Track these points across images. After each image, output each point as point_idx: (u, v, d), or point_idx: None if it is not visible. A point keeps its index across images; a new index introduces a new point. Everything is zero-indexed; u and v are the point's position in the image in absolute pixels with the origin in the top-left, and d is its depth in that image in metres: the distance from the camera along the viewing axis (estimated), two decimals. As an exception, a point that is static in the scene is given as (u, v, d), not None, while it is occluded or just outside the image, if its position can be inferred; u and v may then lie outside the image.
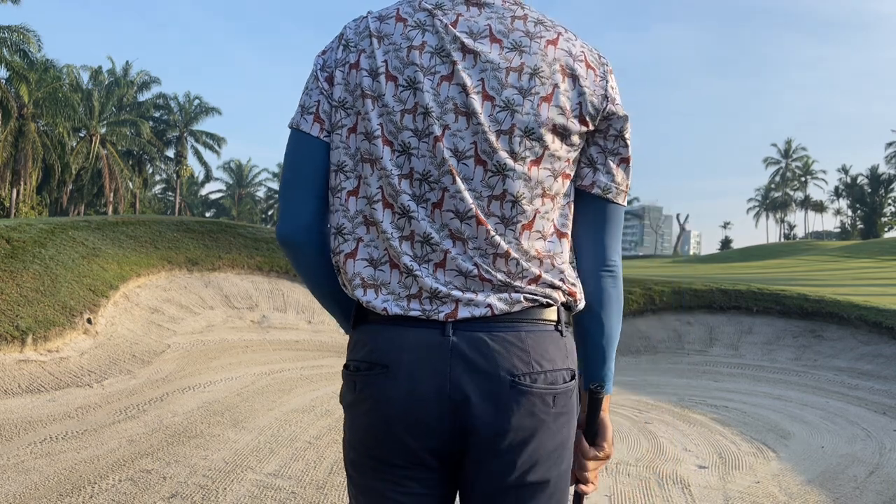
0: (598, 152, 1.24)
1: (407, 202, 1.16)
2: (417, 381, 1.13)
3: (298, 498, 3.49)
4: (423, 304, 1.15)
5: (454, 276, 1.15)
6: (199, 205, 76.78)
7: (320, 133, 1.22)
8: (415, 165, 1.16)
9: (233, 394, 5.56)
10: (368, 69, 1.18)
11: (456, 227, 1.15)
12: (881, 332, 9.13)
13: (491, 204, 1.15)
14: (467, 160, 1.15)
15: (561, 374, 1.17)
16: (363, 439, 1.18)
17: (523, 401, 1.13)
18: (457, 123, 1.15)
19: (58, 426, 4.41)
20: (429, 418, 1.13)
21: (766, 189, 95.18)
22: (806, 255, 50.07)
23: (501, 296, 1.15)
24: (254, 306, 8.74)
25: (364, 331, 1.20)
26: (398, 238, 1.17)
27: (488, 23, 1.18)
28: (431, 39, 1.17)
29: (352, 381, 1.20)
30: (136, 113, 50.37)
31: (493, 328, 1.14)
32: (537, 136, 1.15)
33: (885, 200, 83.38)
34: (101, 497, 3.35)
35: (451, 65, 1.16)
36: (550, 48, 1.18)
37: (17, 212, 36.56)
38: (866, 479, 4.41)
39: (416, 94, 1.15)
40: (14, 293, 6.22)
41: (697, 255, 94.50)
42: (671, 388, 7.60)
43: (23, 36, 32.80)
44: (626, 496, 3.84)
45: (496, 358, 1.13)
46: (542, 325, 1.18)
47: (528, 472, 1.15)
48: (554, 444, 1.17)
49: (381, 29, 1.20)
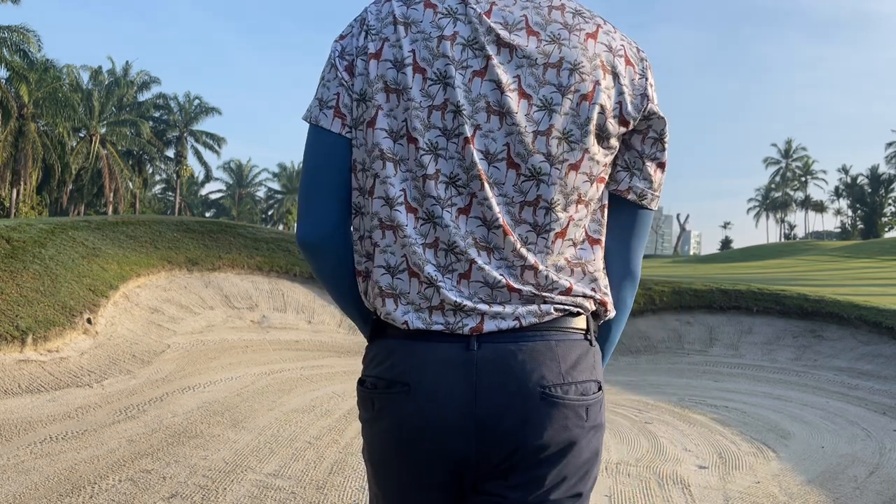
0: (636, 156, 1.16)
1: (432, 206, 1.07)
2: (441, 401, 1.05)
3: (298, 498, 3.49)
4: (447, 317, 1.07)
5: (479, 288, 1.07)
6: (199, 205, 76.79)
7: (342, 129, 1.13)
8: (441, 167, 1.07)
9: (233, 394, 5.56)
10: (393, 59, 1.09)
11: (482, 235, 1.07)
12: (881, 332, 9.13)
13: (523, 210, 1.07)
14: (499, 163, 1.07)
15: (591, 384, 1.10)
16: (384, 456, 1.13)
17: (555, 414, 1.05)
18: (489, 123, 1.06)
19: (58, 426, 4.41)
20: (452, 441, 1.06)
21: (766, 189, 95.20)
22: (806, 255, 50.07)
23: (530, 308, 1.07)
24: (254, 306, 8.74)
25: (382, 345, 1.13)
26: (421, 245, 1.08)
27: (524, 13, 1.09)
28: (464, 30, 1.07)
29: (369, 400, 1.13)
30: (136, 113, 50.38)
31: (521, 338, 1.06)
32: (577, 138, 1.07)
33: (885, 200, 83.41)
34: (101, 497, 3.35)
35: (484, 59, 1.06)
36: (590, 42, 1.09)
37: (17, 212, 36.57)
38: (866, 479, 4.41)
39: (447, 90, 1.06)
40: (14, 293, 6.22)
41: (697, 255, 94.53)
42: (671, 388, 7.60)
43: (23, 36, 32.80)
44: (626, 496, 3.83)
45: (525, 369, 1.05)
46: (572, 333, 1.10)
47: (556, 489, 1.07)
48: (585, 458, 1.09)
49: (409, 15, 1.10)
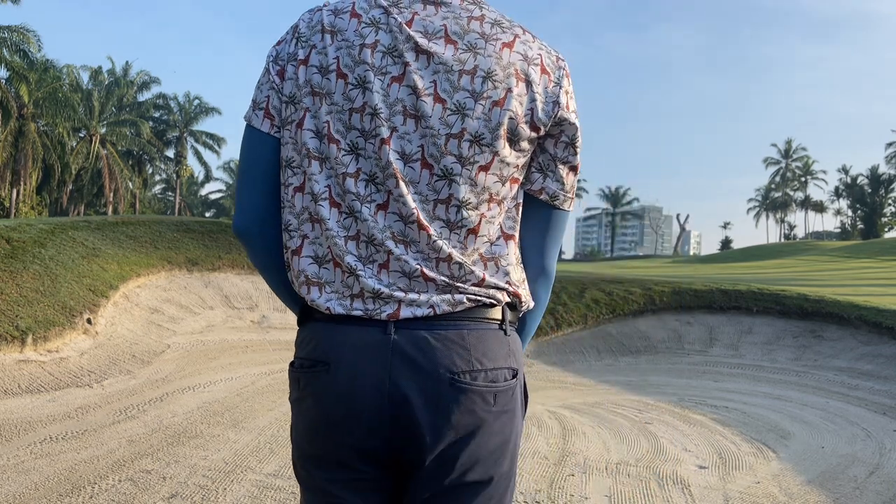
0: (549, 159, 1.23)
1: (352, 202, 1.15)
2: (357, 379, 1.12)
3: (298, 498, 3.49)
4: (366, 304, 1.14)
5: (398, 278, 1.14)
6: (199, 205, 76.78)
7: (270, 129, 1.21)
8: (362, 166, 1.15)
9: (233, 394, 5.56)
10: (319, 66, 1.17)
11: (399, 229, 1.14)
12: (881, 332, 9.13)
13: (436, 208, 1.14)
14: (413, 163, 1.14)
15: (502, 372, 1.16)
16: (306, 436, 1.19)
17: (463, 398, 1.12)
18: (405, 126, 1.13)
19: (58, 426, 4.41)
20: (368, 416, 1.12)
21: (766, 189, 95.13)
22: (806, 255, 50.04)
23: (444, 297, 1.14)
24: (254, 306, 8.73)
25: (308, 328, 1.21)
26: (343, 237, 1.16)
27: (444, 23, 1.16)
28: (384, 38, 1.15)
29: (296, 379, 1.21)
30: (136, 113, 50.36)
31: (435, 326, 1.13)
32: (487, 142, 1.14)
33: (885, 200, 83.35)
34: (101, 497, 3.35)
35: (402, 66, 1.14)
36: (506, 51, 1.16)
37: (17, 212, 36.56)
38: (866, 479, 4.41)
39: (366, 94, 1.14)
40: (14, 293, 6.21)
41: (697, 255, 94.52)
42: (671, 388, 7.60)
43: (23, 36, 32.78)
44: (626, 496, 3.83)
45: (436, 355, 1.12)
46: (486, 323, 1.17)
47: (469, 472, 1.14)
48: (495, 442, 1.16)
49: (335, 24, 1.18)
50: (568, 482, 3.99)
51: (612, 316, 10.20)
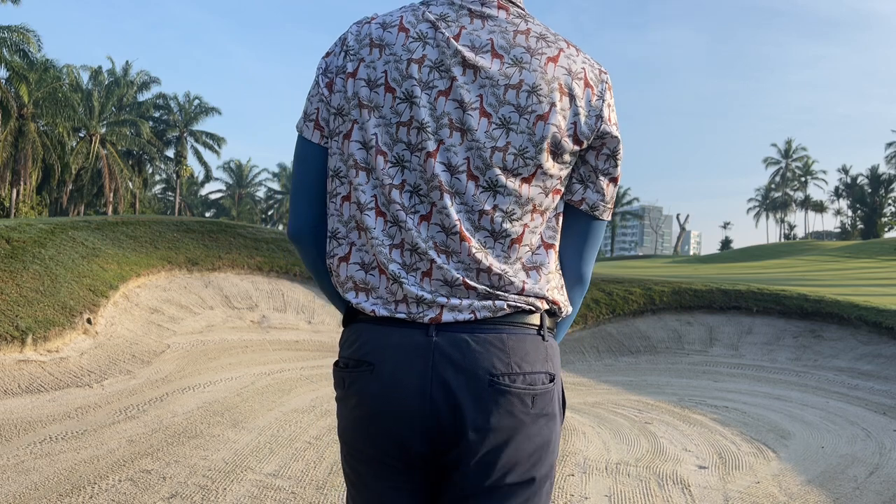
0: (590, 171, 1.26)
1: (397, 212, 1.19)
2: (400, 379, 1.16)
3: (298, 498, 3.49)
4: (410, 308, 1.18)
5: (440, 286, 1.18)
6: (199, 205, 76.76)
7: (320, 140, 1.26)
8: (407, 178, 1.19)
9: (233, 394, 5.56)
10: (367, 79, 1.20)
11: (441, 240, 1.18)
12: (881, 332, 9.13)
13: (481, 218, 1.18)
14: (460, 175, 1.17)
15: (540, 376, 1.19)
16: (351, 433, 1.23)
17: (502, 400, 1.15)
18: (451, 139, 1.17)
19: (58, 426, 4.41)
20: (410, 415, 1.16)
21: (766, 189, 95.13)
22: (806, 256, 50.04)
23: (485, 303, 1.18)
24: (254, 306, 8.73)
25: (353, 329, 1.25)
26: (388, 246, 1.20)
27: (491, 37, 1.19)
28: (432, 53, 1.18)
29: (340, 378, 1.25)
30: (136, 113, 50.36)
31: (476, 330, 1.17)
32: (531, 155, 1.17)
33: (885, 200, 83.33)
34: (101, 497, 3.35)
35: (449, 80, 1.17)
36: (550, 65, 1.19)
37: (17, 212, 36.55)
38: (866, 479, 4.41)
39: (412, 108, 1.17)
40: (14, 293, 6.22)
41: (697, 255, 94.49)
42: (671, 388, 7.60)
43: (23, 36, 32.79)
44: (626, 496, 3.83)
45: (476, 357, 1.15)
46: (525, 328, 1.20)
47: (509, 473, 1.16)
48: (533, 445, 1.18)
49: (384, 38, 1.21)
50: (568, 482, 3.99)
51: (611, 316, 10.20)
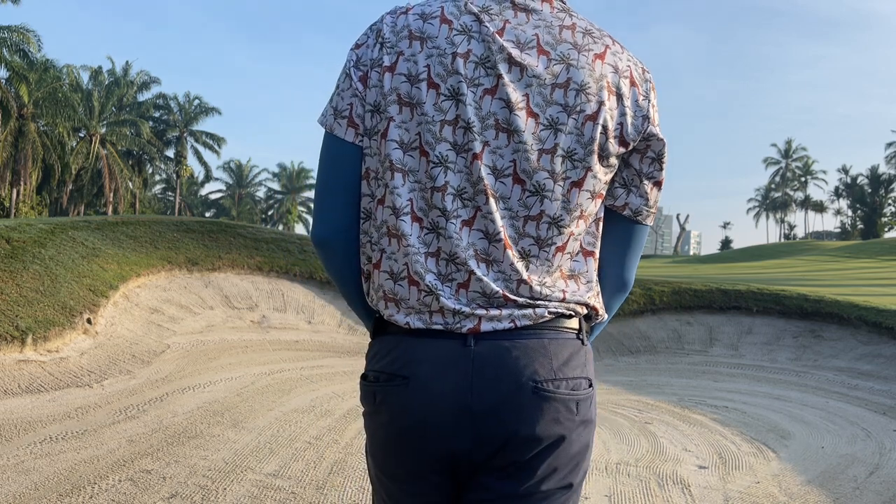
0: (634, 174, 1.21)
1: (437, 217, 1.12)
2: (437, 393, 1.10)
3: (298, 498, 3.49)
4: (446, 318, 1.12)
5: (477, 297, 1.12)
6: (199, 205, 76.73)
7: (355, 138, 1.17)
8: (450, 179, 1.11)
9: (233, 394, 5.55)
10: (408, 74, 1.13)
11: (483, 247, 1.12)
12: (881, 332, 9.13)
13: (526, 224, 1.12)
14: (505, 178, 1.11)
15: (582, 381, 1.15)
16: (383, 450, 1.18)
17: (546, 407, 1.10)
18: (497, 140, 1.11)
19: (58, 426, 4.41)
20: (448, 432, 1.11)
21: (766, 189, 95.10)
22: (806, 255, 50.03)
23: (525, 311, 1.13)
24: (254, 306, 8.73)
25: (384, 341, 1.18)
26: (424, 254, 1.13)
27: (536, 32, 1.13)
28: (477, 48, 1.12)
29: (370, 392, 1.18)
30: (136, 113, 50.36)
31: (516, 336, 1.12)
32: (580, 157, 1.12)
33: (885, 200, 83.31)
34: (101, 497, 3.35)
35: (495, 77, 1.11)
36: (598, 63, 1.14)
37: (17, 212, 36.55)
38: (866, 479, 4.41)
39: (459, 107, 1.10)
40: (14, 293, 6.21)
41: (697, 255, 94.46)
42: (671, 388, 7.60)
43: (23, 36, 32.79)
44: (626, 496, 3.83)
45: (518, 365, 1.10)
46: (565, 333, 1.16)
47: (545, 480, 1.12)
48: (575, 450, 1.15)
49: (425, 30, 1.14)
50: (568, 482, 3.98)
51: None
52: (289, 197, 78.68)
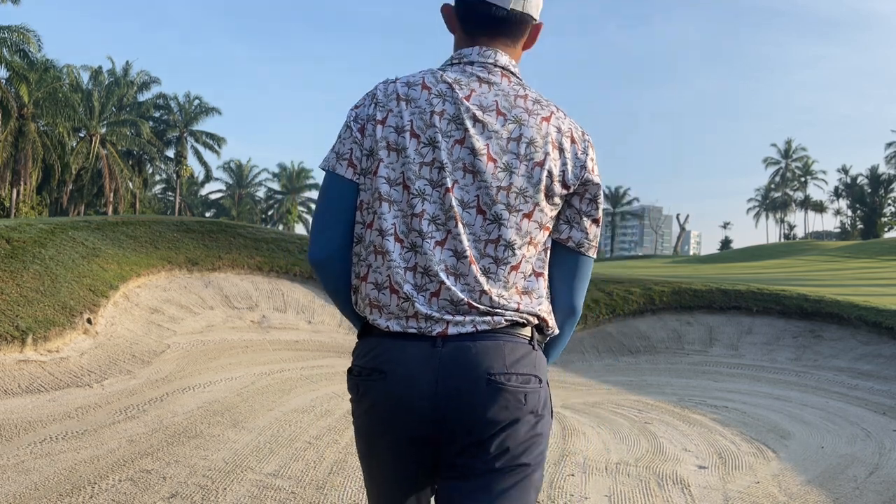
0: (575, 212, 1.48)
1: (415, 238, 1.39)
2: (410, 383, 1.35)
3: (298, 498, 3.49)
4: (420, 323, 1.38)
5: (446, 304, 1.38)
6: (199, 205, 76.72)
7: (354, 176, 1.45)
8: (427, 208, 1.39)
9: (233, 394, 5.55)
10: (395, 126, 1.42)
11: (452, 263, 1.38)
12: (881, 332, 9.13)
13: (487, 246, 1.39)
14: (470, 209, 1.39)
15: (530, 377, 1.38)
16: (367, 431, 1.44)
17: (498, 396, 1.34)
18: (464, 179, 1.39)
19: (58, 426, 4.41)
20: (417, 416, 1.35)
21: (766, 189, 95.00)
22: (806, 256, 50.03)
23: (485, 318, 1.38)
24: (254, 306, 8.73)
25: (368, 342, 1.44)
26: (403, 268, 1.39)
27: (496, 99, 1.43)
28: (450, 108, 1.41)
29: (354, 384, 1.45)
30: (136, 113, 50.33)
31: (477, 338, 1.37)
32: (530, 194, 1.40)
33: (885, 200, 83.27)
34: (101, 497, 3.35)
35: (463, 131, 1.40)
36: (544, 124, 1.43)
37: (17, 212, 36.55)
38: (866, 479, 4.41)
39: (435, 151, 1.39)
40: (14, 293, 6.21)
41: (697, 255, 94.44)
42: (671, 388, 7.60)
43: (23, 36, 32.79)
44: (626, 496, 3.84)
45: (476, 360, 1.35)
46: (519, 338, 1.40)
47: (498, 458, 1.35)
48: (526, 435, 1.37)
49: (409, 94, 1.43)
50: (568, 482, 3.99)
51: (611, 316, 10.20)
52: (289, 197, 78.66)
